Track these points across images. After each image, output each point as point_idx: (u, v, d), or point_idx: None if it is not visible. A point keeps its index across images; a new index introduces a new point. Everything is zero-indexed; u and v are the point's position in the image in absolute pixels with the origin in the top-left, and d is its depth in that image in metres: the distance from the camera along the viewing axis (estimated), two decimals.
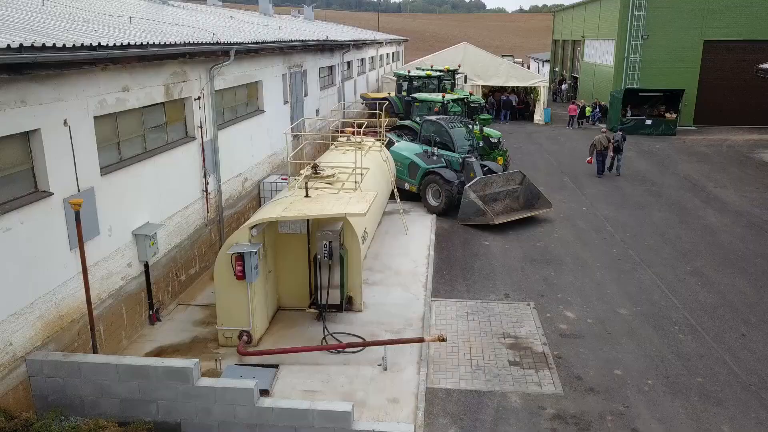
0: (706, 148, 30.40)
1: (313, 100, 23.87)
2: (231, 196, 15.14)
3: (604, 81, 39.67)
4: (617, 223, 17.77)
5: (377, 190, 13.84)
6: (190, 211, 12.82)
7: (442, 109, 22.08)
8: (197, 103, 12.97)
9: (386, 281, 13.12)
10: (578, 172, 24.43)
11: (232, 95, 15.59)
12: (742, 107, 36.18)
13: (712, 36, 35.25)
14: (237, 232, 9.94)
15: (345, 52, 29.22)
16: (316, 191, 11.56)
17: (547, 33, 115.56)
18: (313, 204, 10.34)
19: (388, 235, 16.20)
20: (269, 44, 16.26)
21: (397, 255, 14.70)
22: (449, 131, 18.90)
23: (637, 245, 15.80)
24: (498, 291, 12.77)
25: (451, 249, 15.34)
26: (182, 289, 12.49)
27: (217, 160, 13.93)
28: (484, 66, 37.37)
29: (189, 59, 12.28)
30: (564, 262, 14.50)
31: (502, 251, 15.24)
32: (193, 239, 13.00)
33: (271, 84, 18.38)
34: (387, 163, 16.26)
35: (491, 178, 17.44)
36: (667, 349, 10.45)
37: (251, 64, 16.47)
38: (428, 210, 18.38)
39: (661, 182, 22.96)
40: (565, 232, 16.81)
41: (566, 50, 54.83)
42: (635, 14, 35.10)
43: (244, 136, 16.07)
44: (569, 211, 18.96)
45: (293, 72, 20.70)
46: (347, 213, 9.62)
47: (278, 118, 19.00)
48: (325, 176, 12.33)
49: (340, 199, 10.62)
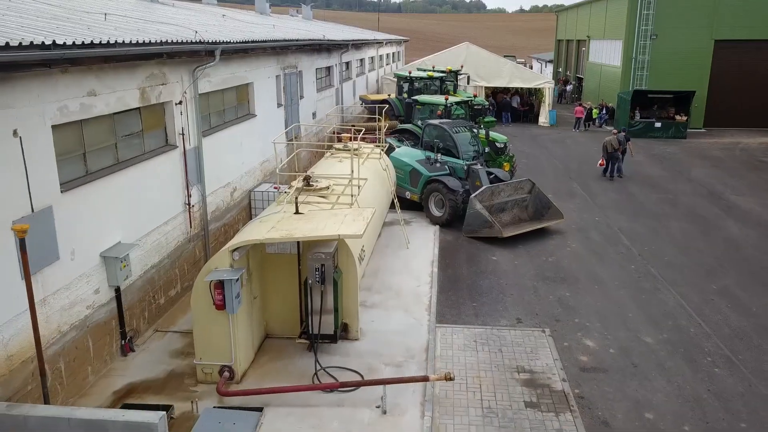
0: (719, 151, 29.24)
1: (310, 102, 22.72)
2: (218, 208, 13.99)
3: (610, 82, 38.50)
4: (633, 234, 16.60)
5: (376, 203, 12.70)
6: (171, 226, 11.66)
7: (445, 112, 20.91)
8: (178, 107, 11.82)
9: (386, 303, 11.96)
10: (588, 178, 23.27)
11: (220, 98, 14.44)
12: (753, 109, 35.01)
13: (722, 36, 34.08)
14: (217, 256, 8.78)
15: (343, 52, 28.07)
16: (308, 206, 10.40)
17: (549, 33, 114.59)
18: (304, 223, 9.19)
19: (388, 248, 15.04)
20: (260, 44, 15.10)
21: (398, 272, 13.54)
22: (453, 136, 17.74)
23: (657, 260, 14.63)
24: (509, 315, 11.60)
25: (456, 265, 14.18)
26: (161, 314, 11.32)
27: (201, 170, 12.78)
28: (487, 67, 36.19)
29: (168, 60, 11.13)
30: (579, 281, 13.34)
31: (512, 268, 14.08)
32: (174, 257, 11.84)
33: (264, 86, 17.22)
34: (387, 171, 15.10)
35: (498, 187, 16.27)
36: (701, 386, 9.29)
37: (241, 65, 15.32)
38: (431, 220, 17.22)
39: (675, 189, 21.80)
40: (578, 246, 15.65)
41: (570, 50, 53.67)
42: (644, 13, 33.94)
43: (233, 143, 14.92)
44: (581, 221, 17.80)
45: (288, 73, 19.55)
46: (341, 234, 8.46)
47: (271, 122, 17.85)
48: (319, 189, 11.18)
49: (333, 217, 9.46)
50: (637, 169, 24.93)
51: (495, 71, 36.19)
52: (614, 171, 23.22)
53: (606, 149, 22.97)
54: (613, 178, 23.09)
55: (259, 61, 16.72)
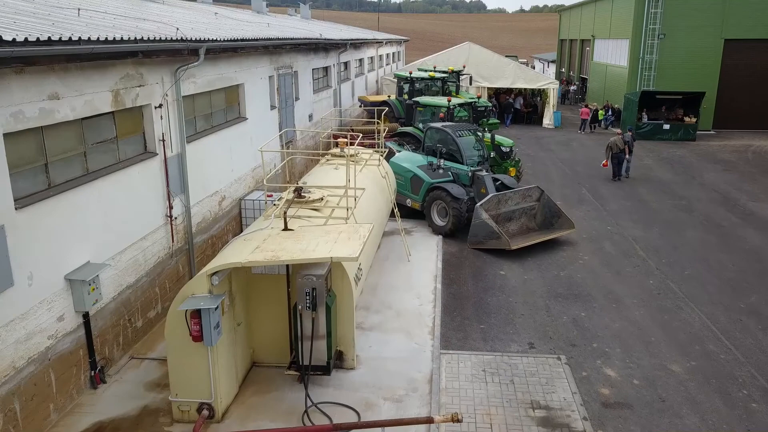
0: (730, 154, 28.23)
1: (306, 104, 21.72)
2: (204, 219, 12.99)
3: (616, 82, 37.49)
4: (648, 245, 15.59)
5: (375, 215, 11.70)
6: (150, 241, 10.66)
7: (448, 114, 19.90)
8: (158, 111, 10.81)
9: (385, 325, 10.95)
10: (597, 183, 22.27)
11: (206, 101, 13.44)
12: (765, 111, 33.99)
13: (732, 35, 33.03)
14: (194, 281, 7.78)
15: (341, 52, 27.06)
16: (299, 221, 9.39)
17: (550, 33, 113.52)
18: (293, 242, 8.18)
19: (388, 261, 14.04)
20: (250, 42, 14.10)
21: (399, 288, 12.53)
22: (456, 140, 16.73)
23: (676, 274, 13.63)
24: (520, 339, 10.59)
25: (461, 280, 13.17)
26: (138, 338, 10.32)
27: (185, 179, 11.77)
28: (489, 67, 35.20)
29: (146, 59, 10.13)
30: (595, 298, 12.33)
31: (521, 283, 13.07)
32: (154, 275, 10.83)
33: (256, 87, 16.21)
34: (386, 179, 14.09)
35: (506, 195, 15.27)
36: (740, 424, 8.28)
37: (230, 65, 14.32)
38: (433, 230, 16.21)
39: (688, 195, 20.79)
40: (591, 258, 14.64)
41: (574, 50, 52.66)
42: (651, 11, 32.92)
43: (221, 148, 13.92)
44: (592, 230, 16.79)
45: (282, 74, 18.55)
46: (334, 257, 7.46)
47: (264, 125, 16.84)
48: (311, 201, 10.17)
49: (326, 234, 8.46)
50: (647, 173, 23.94)
51: (498, 71, 35.20)
52: (620, 172, 22.69)
53: (611, 150, 22.52)
54: (620, 178, 22.59)
55: (250, 61, 15.71)
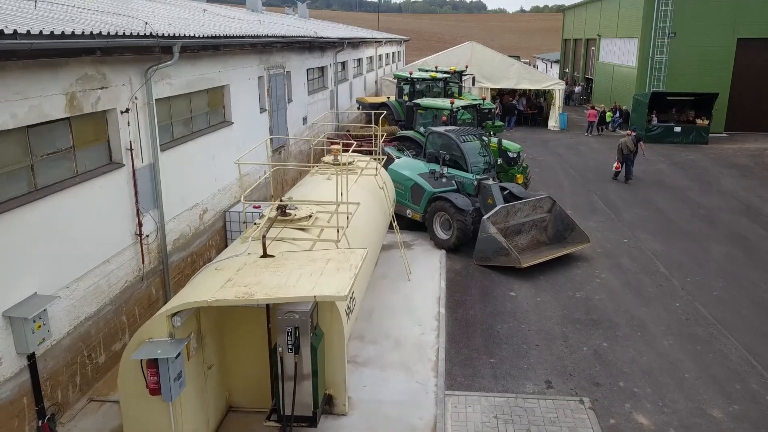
0: (746, 159, 26.94)
1: (300, 106, 20.44)
2: (183, 235, 11.71)
3: (624, 83, 36.20)
4: (670, 261, 14.31)
5: (371, 233, 10.42)
6: (115, 264, 9.38)
7: (451, 117, 18.62)
8: (125, 116, 9.54)
9: (382, 358, 9.67)
10: (608, 190, 20.99)
11: (185, 104, 12.16)
12: None
13: (746, 33, 31.76)
14: (151, 322, 6.50)
15: (338, 51, 25.79)
16: (282, 245, 8.11)
17: (551, 33, 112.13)
18: (271, 273, 6.90)
19: (386, 280, 12.77)
20: (234, 39, 12.82)
21: (398, 313, 11.25)
22: (460, 146, 15.45)
23: (704, 296, 12.35)
24: (536, 376, 9.31)
25: (467, 303, 11.89)
26: (100, 375, 9.04)
27: (158, 191, 10.50)
28: (493, 67, 33.91)
29: (108, 58, 8.86)
30: (617, 325, 11.04)
31: (534, 306, 11.79)
32: (121, 302, 9.56)
33: (243, 89, 14.94)
34: (384, 189, 12.81)
35: (515, 207, 13.99)
36: None
37: (213, 65, 13.04)
38: (436, 244, 14.93)
39: (707, 203, 19.51)
40: (609, 277, 13.36)
41: (578, 50, 51.38)
42: (662, 9, 31.63)
43: (203, 156, 12.65)
44: (608, 243, 15.51)
45: (273, 74, 17.27)
46: (318, 295, 6.18)
47: (252, 129, 15.56)
48: (297, 219, 8.88)
49: (312, 263, 7.18)
50: (661, 179, 22.66)
51: (502, 72, 33.91)
52: (632, 173, 22.16)
53: (621, 151, 21.96)
54: (628, 181, 22.04)
55: (237, 60, 14.44)
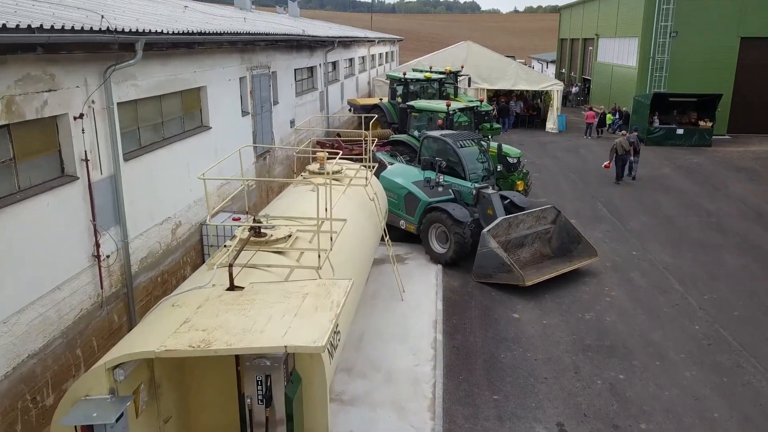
0: (752, 162, 25.97)
1: (287, 108, 19.30)
2: (152, 253, 10.57)
3: (623, 84, 35.21)
4: (684, 275, 13.27)
5: (359, 253, 9.31)
6: (67, 291, 8.23)
7: (447, 121, 17.52)
8: (79, 123, 8.40)
9: (372, 396, 8.56)
10: (612, 196, 19.94)
11: (155, 108, 11.02)
12: None
13: (750, 32, 30.80)
14: (88, 376, 5.38)
15: (329, 51, 24.65)
16: (254, 274, 6.99)
17: (545, 33, 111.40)
18: (236, 312, 5.78)
19: (377, 300, 11.67)
20: (210, 36, 11.67)
21: (390, 339, 10.15)
22: (458, 152, 14.37)
23: (725, 317, 11.30)
24: (546, 416, 8.21)
25: (467, 328, 10.79)
26: (47, 419, 7.84)
27: (120, 206, 9.36)
28: (489, 67, 32.83)
29: (58, 56, 7.73)
30: (632, 352, 9.97)
31: (540, 331, 10.70)
32: (74, 333, 8.41)
33: (222, 90, 13.80)
34: (375, 201, 11.69)
35: (517, 218, 12.91)
36: None
37: (187, 64, 11.91)
38: (431, 257, 13.83)
39: (716, 210, 18.49)
40: (619, 294, 12.29)
41: (575, 50, 50.41)
42: (663, 8, 30.64)
43: (176, 165, 11.51)
44: (615, 255, 14.45)
45: (257, 74, 16.13)
46: (289, 345, 5.07)
47: (233, 134, 14.42)
48: (273, 241, 7.76)
49: (286, 299, 6.06)
50: (667, 184, 21.66)
51: (498, 72, 32.83)
52: (624, 174, 21.93)
53: (616, 151, 21.73)
54: (623, 179, 21.79)
55: (215, 59, 13.30)
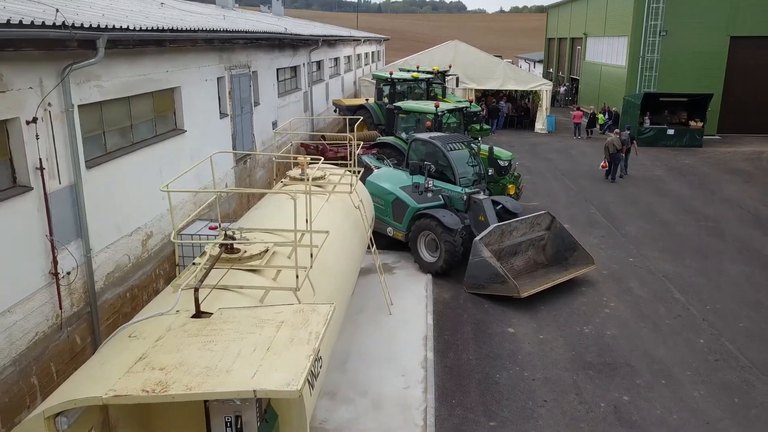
0: (744, 163, 25.58)
1: (269, 109, 18.53)
2: (119, 267, 9.78)
3: (613, 83, 34.78)
4: (685, 285, 12.70)
5: (343, 272, 8.58)
6: (20, 314, 7.43)
7: (436, 122, 16.84)
8: (33, 128, 7.60)
9: (358, 425, 7.85)
10: (606, 200, 19.38)
11: (123, 111, 10.22)
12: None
13: (739, 32, 30.47)
14: (25, 425, 4.60)
15: (313, 50, 23.90)
16: (224, 297, 6.24)
17: (532, 33, 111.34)
18: (200, 347, 5.04)
19: (363, 315, 10.96)
20: (183, 34, 10.87)
21: (377, 360, 9.44)
22: (447, 155, 13.72)
23: (731, 329, 10.73)
24: None
25: (459, 344, 10.10)
26: None
27: (81, 218, 8.56)
28: (477, 67, 32.23)
29: (6, 54, 6.93)
30: (636, 370, 9.34)
31: (537, 346, 10.04)
32: (29, 360, 7.61)
33: (198, 91, 13.02)
34: (361, 208, 10.97)
35: (510, 225, 12.26)
36: None
37: (159, 63, 11.12)
38: (420, 267, 13.14)
39: (713, 214, 17.98)
40: (618, 305, 11.68)
41: (563, 49, 50.03)
42: (653, 6, 30.22)
43: (146, 171, 10.73)
44: (612, 263, 13.86)
45: (236, 74, 15.36)
46: (258, 390, 4.33)
47: (210, 137, 13.64)
48: (247, 258, 7.01)
49: (258, 329, 5.32)
50: (661, 186, 21.16)
51: (487, 72, 32.25)
52: (617, 172, 21.98)
53: (608, 150, 21.75)
54: (615, 179, 21.85)
55: (190, 58, 12.52)
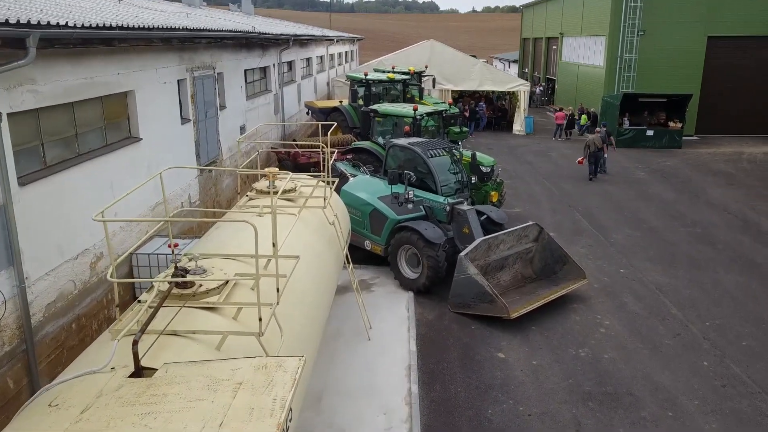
0: (725, 164, 25.21)
1: (236, 113, 17.41)
2: (63, 295, 8.64)
3: (590, 84, 34.32)
4: (680, 298, 11.99)
5: (316, 302, 7.59)
6: None
7: (415, 127, 15.91)
8: None
9: None
10: (590, 205, 18.69)
11: (65, 118, 9.06)
12: (750, 113, 31.27)
13: (716, 32, 30.21)
14: None
15: (283, 50, 22.81)
16: (174, 343, 5.20)
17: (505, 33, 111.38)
18: (136, 423, 4.01)
19: (340, 341, 9.98)
20: (134, 32, 9.70)
21: (355, 395, 8.47)
22: (428, 162, 12.81)
23: (734, 348, 10.01)
24: None
25: (446, 374, 9.18)
26: None
27: (12, 243, 7.42)
28: (454, 67, 31.43)
29: None
30: (639, 401, 8.53)
31: (531, 374, 9.17)
32: None
33: (156, 95, 11.89)
34: (336, 225, 9.97)
35: (497, 239, 11.39)
36: None
37: (108, 65, 9.98)
38: (401, 283, 12.20)
39: (700, 219, 17.40)
40: (614, 324, 10.89)
41: (538, 49, 49.62)
42: (630, 5, 29.77)
43: (95, 185, 9.59)
44: (603, 275, 13.10)
45: (199, 76, 14.23)
46: None
47: (170, 145, 12.52)
48: (202, 293, 5.97)
49: (209, 395, 4.31)
50: (644, 190, 20.58)
51: (463, 73, 31.47)
52: (597, 170, 22.23)
53: (588, 148, 21.93)
54: (596, 176, 22.10)
55: (146, 59, 11.39)
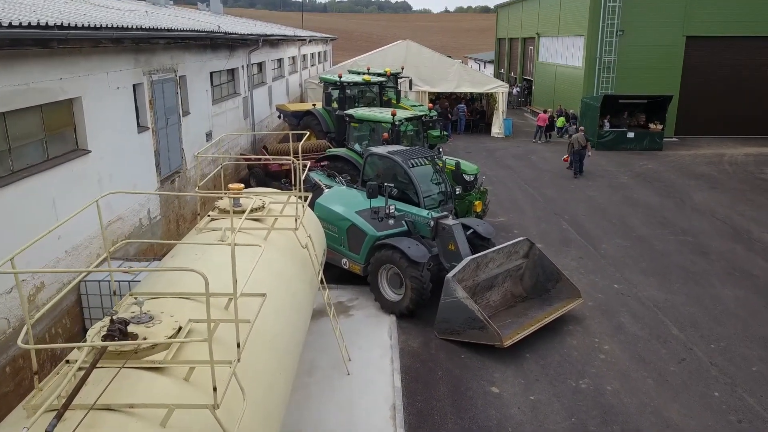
0: (707, 167, 24.77)
1: (201, 119, 16.24)
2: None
3: (569, 85, 33.78)
4: (680, 316, 11.22)
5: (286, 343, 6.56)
6: None
7: (393, 133, 14.92)
8: None
9: None
10: (576, 212, 17.94)
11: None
12: (729, 115, 31.02)
13: (695, 32, 29.89)
14: None
15: (253, 50, 21.64)
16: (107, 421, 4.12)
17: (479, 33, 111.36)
18: None
19: (317, 375, 8.95)
20: (77, 32, 8.55)
21: None
22: (409, 173, 11.84)
23: (743, 375, 9.25)
24: None
25: (435, 414, 8.21)
26: None
27: None
28: (430, 68, 30.56)
29: None
30: None
31: (529, 412, 8.26)
32: None
33: (107, 101, 10.70)
34: (309, 247, 8.91)
35: (486, 257, 10.47)
36: None
37: (48, 69, 8.79)
38: (382, 306, 11.19)
39: (689, 226, 16.75)
40: (614, 348, 10.05)
41: (514, 50, 49.09)
42: (609, 5, 29.27)
43: (34, 206, 8.42)
44: (597, 292, 12.29)
45: (158, 80, 13.05)
46: None
47: (125, 156, 11.34)
48: (147, 349, 4.88)
49: None
50: (629, 196, 19.92)
51: (440, 74, 30.61)
52: (582, 169, 22.65)
53: (572, 146, 22.55)
54: (581, 173, 22.60)
55: (93, 62, 10.19)
